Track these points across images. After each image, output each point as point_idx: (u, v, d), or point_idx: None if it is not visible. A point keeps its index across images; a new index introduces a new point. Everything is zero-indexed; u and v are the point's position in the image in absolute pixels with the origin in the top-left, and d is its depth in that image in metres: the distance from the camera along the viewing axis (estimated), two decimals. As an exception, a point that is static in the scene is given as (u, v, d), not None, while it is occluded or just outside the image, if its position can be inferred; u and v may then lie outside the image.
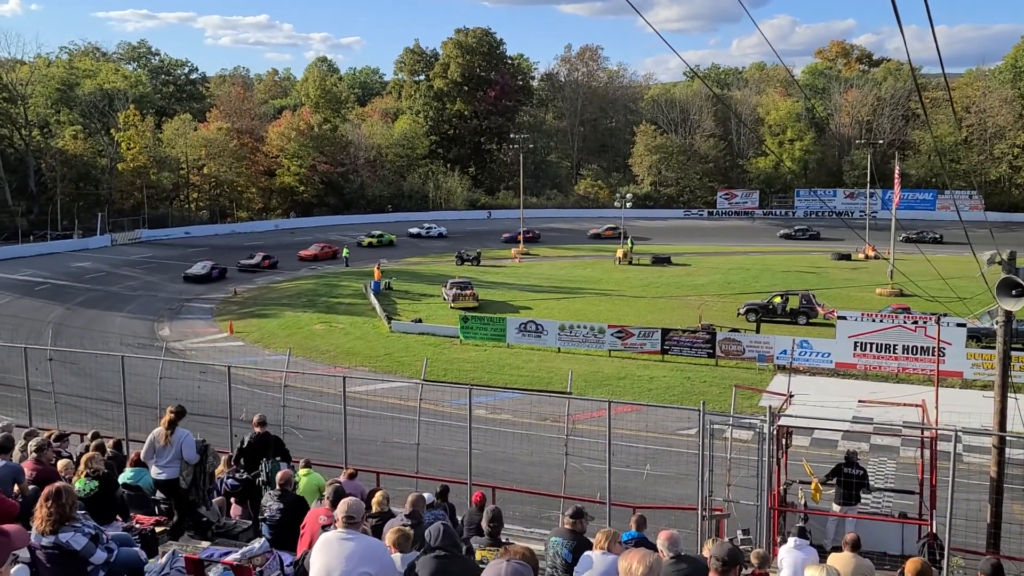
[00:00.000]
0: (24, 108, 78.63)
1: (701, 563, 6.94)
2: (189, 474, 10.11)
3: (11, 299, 48.79)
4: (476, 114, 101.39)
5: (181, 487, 10.08)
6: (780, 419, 12.59)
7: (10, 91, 77.56)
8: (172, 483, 10.02)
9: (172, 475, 9.99)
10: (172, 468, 9.99)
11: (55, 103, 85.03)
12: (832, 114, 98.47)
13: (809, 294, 45.04)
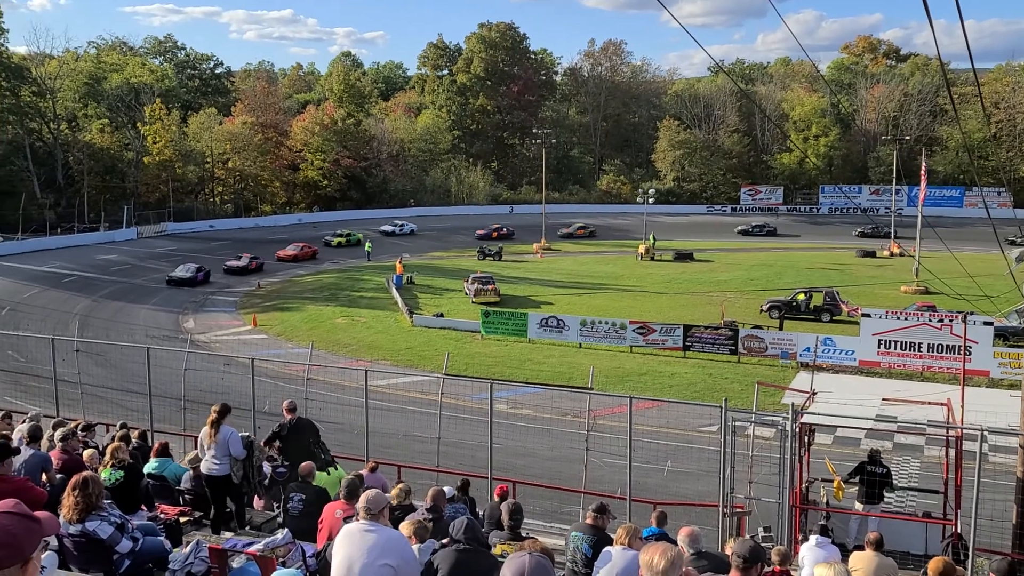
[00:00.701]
0: (53, 102, 79.54)
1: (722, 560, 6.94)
2: (239, 469, 10.59)
3: (39, 290, 49.39)
4: (499, 109, 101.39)
5: (233, 482, 10.57)
6: (803, 416, 12.51)
7: (39, 85, 78.43)
8: (224, 478, 10.48)
9: (223, 471, 10.45)
10: (223, 464, 10.46)
11: (83, 97, 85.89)
12: (858, 110, 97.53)
13: (833, 291, 44.69)
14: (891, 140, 79.37)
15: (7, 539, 2.62)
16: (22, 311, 43.30)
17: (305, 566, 7.19)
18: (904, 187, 78.90)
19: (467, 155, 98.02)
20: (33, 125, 79.02)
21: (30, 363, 27.50)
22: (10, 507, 2.71)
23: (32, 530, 2.72)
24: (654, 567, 4.18)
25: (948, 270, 38.46)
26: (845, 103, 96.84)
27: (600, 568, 6.99)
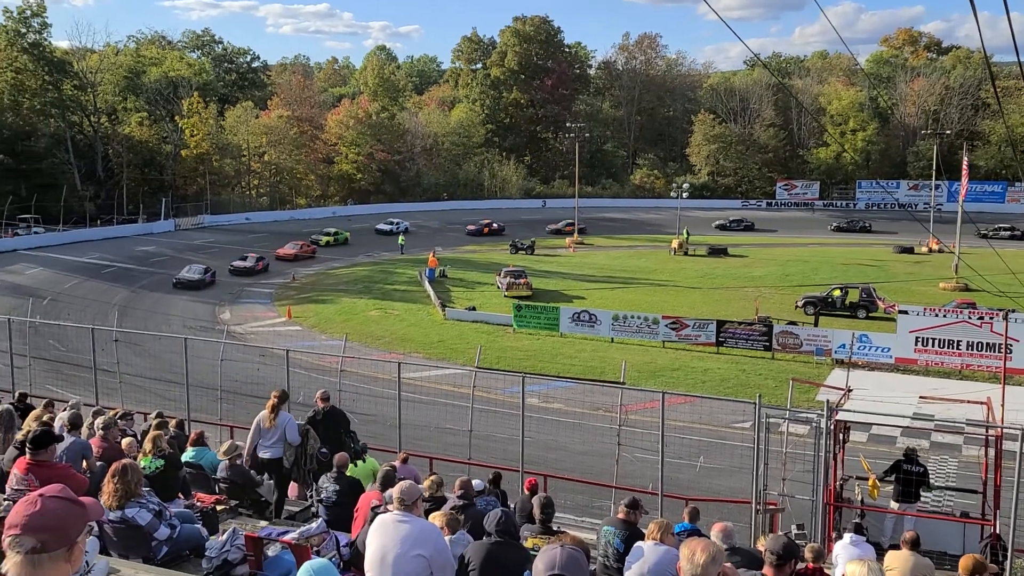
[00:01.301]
0: (93, 95, 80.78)
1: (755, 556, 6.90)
2: (292, 455, 10.87)
3: (79, 281, 50.25)
4: (532, 103, 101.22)
5: (284, 466, 10.87)
6: (838, 414, 12.39)
7: (81, 79, 79.69)
8: (276, 461, 10.81)
9: (276, 454, 10.83)
10: (276, 448, 10.84)
11: (122, 90, 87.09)
12: (897, 103, 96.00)
13: (869, 287, 44.15)
14: (931, 134, 78.10)
15: (55, 523, 2.68)
16: (63, 301, 44.08)
17: (339, 555, 7.26)
18: (944, 182, 77.67)
19: (500, 149, 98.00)
20: (74, 118, 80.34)
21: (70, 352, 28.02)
22: (57, 492, 2.78)
23: (78, 515, 2.78)
24: (695, 561, 4.16)
25: (989, 267, 37.82)
26: (884, 97, 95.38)
27: (632, 563, 6.99)
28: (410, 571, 5.79)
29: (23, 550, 2.63)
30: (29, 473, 6.80)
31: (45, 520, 2.67)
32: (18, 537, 2.63)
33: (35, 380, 20.78)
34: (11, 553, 2.65)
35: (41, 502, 2.70)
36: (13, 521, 2.66)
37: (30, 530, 2.64)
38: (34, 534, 2.64)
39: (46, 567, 2.67)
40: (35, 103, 76.65)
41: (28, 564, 2.64)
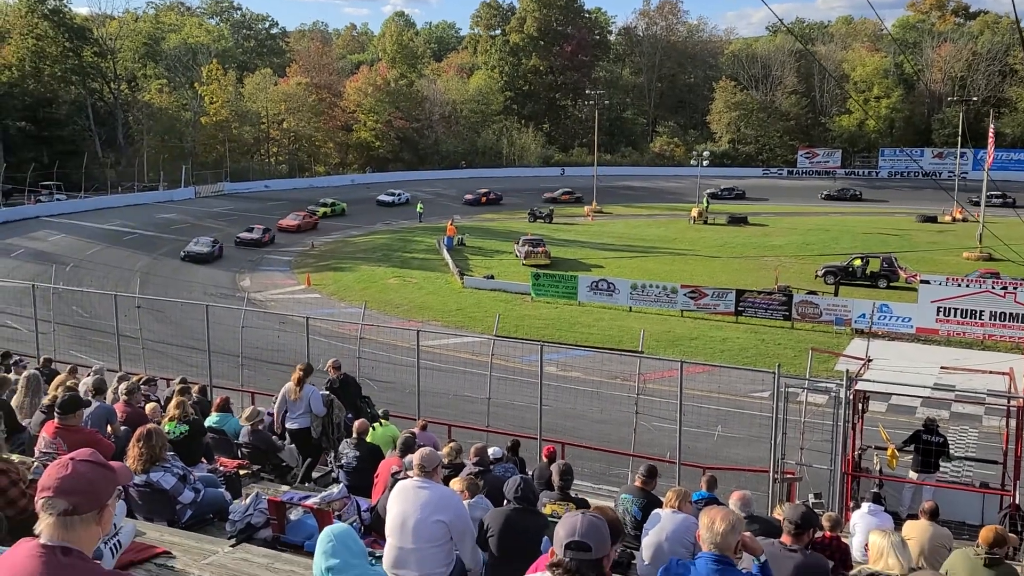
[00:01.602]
0: (113, 62, 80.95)
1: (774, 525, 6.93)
2: (319, 425, 11.14)
3: (101, 248, 50.65)
4: (552, 69, 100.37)
5: (312, 436, 11.15)
6: (857, 383, 12.36)
7: (101, 46, 79.81)
8: (304, 431, 11.11)
9: (304, 424, 11.12)
10: (304, 419, 11.12)
11: (142, 57, 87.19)
12: (923, 70, 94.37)
13: (891, 257, 43.77)
14: (957, 101, 76.88)
15: (86, 486, 2.74)
16: (85, 268, 44.48)
17: (360, 520, 7.36)
18: (969, 150, 76.57)
19: (519, 116, 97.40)
20: (95, 85, 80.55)
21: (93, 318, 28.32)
22: (87, 456, 2.84)
23: (108, 478, 2.84)
24: (714, 530, 4.20)
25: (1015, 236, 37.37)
26: (909, 63, 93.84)
27: (649, 530, 7.05)
28: (430, 536, 5.86)
29: (55, 512, 2.70)
30: (57, 437, 6.93)
31: (76, 483, 2.73)
32: (51, 499, 2.70)
33: (59, 346, 21.07)
34: (44, 515, 2.71)
35: (72, 466, 2.77)
36: (46, 484, 2.73)
37: (62, 493, 2.70)
38: (66, 497, 2.70)
39: (77, 529, 2.73)
40: (56, 70, 76.86)
41: (60, 526, 2.71)
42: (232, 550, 5.66)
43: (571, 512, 3.38)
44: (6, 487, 4.62)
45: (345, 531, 3.95)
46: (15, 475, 4.72)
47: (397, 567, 5.85)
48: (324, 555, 3.81)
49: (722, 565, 4.19)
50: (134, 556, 5.15)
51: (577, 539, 3.13)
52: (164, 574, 5.11)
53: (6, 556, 2.80)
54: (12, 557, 2.75)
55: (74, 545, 2.71)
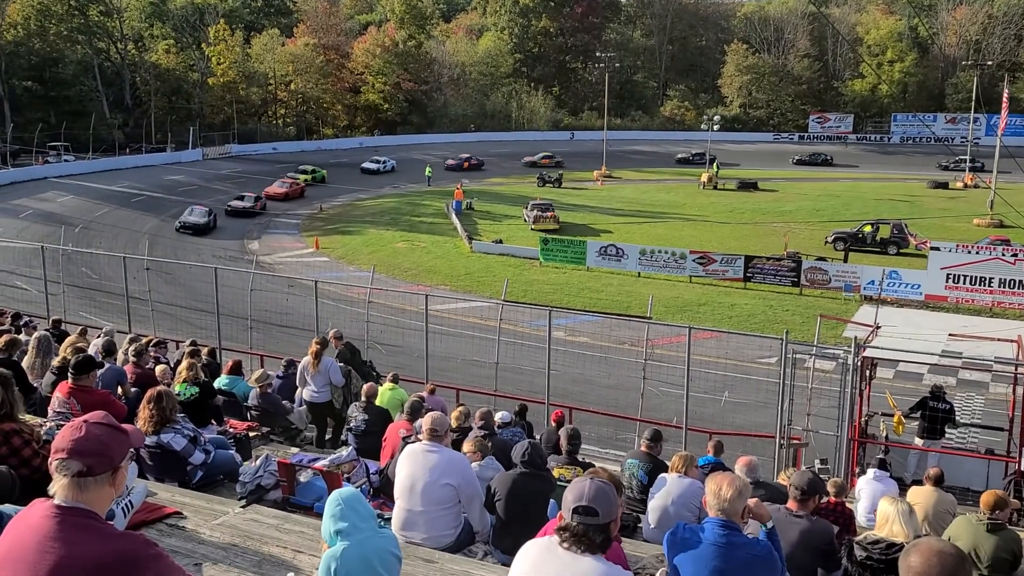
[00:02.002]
0: (120, 22, 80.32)
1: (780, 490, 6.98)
2: (340, 396, 11.64)
3: (109, 209, 50.67)
4: (562, 31, 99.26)
5: (335, 407, 11.61)
6: (865, 350, 12.35)
7: (107, 4, 79.12)
8: (327, 404, 11.53)
9: (325, 398, 11.52)
10: (324, 392, 11.49)
11: (148, 17, 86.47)
12: (937, 33, 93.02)
13: (901, 223, 43.56)
14: (972, 65, 75.87)
15: (99, 448, 2.77)
16: (94, 229, 44.56)
17: (369, 483, 7.43)
18: (983, 115, 75.77)
19: (528, 79, 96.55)
20: (101, 45, 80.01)
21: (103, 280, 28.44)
22: (100, 418, 2.86)
23: (121, 440, 2.87)
24: (720, 495, 4.22)
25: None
26: (924, 26, 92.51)
27: (655, 494, 7.11)
28: (439, 499, 5.93)
29: (70, 473, 2.73)
30: (71, 397, 6.98)
31: (90, 445, 2.76)
32: (65, 461, 2.73)
33: (69, 307, 21.14)
34: (58, 476, 2.75)
35: (86, 428, 2.79)
36: (60, 445, 2.76)
37: (76, 454, 2.73)
38: (80, 458, 2.73)
39: (91, 490, 2.76)
40: (61, 29, 76.25)
41: (74, 487, 2.74)
42: (242, 511, 5.72)
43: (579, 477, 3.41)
44: (20, 447, 4.67)
45: (353, 494, 3.99)
46: (28, 435, 4.77)
47: (406, 529, 5.92)
48: (332, 518, 3.85)
49: (729, 530, 4.22)
50: (146, 516, 5.22)
51: (585, 504, 3.16)
52: (175, 534, 5.17)
53: (21, 516, 2.84)
54: (27, 517, 2.79)
55: (88, 506, 2.74)
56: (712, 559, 4.15)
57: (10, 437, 4.67)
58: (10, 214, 45.70)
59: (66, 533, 2.67)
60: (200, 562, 4.75)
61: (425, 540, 5.83)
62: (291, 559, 4.93)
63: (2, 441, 4.63)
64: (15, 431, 4.71)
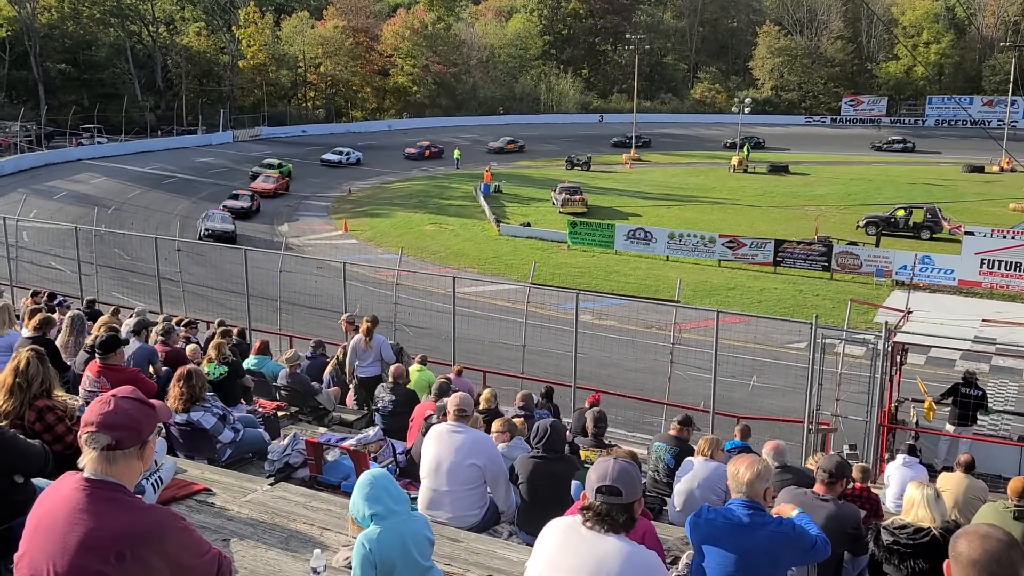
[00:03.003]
0: (152, 4, 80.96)
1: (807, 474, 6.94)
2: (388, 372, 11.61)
3: (141, 191, 51.20)
4: (591, 13, 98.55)
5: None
6: (896, 335, 12.21)
7: (138, -13, 79.86)
8: (376, 378, 11.85)
9: (375, 372, 12.00)
10: (375, 367, 12.05)
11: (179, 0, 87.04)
12: (975, 14, 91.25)
13: (934, 207, 42.91)
14: (1010, 47, 74.63)
15: (128, 421, 2.81)
16: (126, 211, 45.04)
17: (395, 463, 7.48)
18: (1021, 98, 74.32)
19: (557, 62, 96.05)
20: (133, 28, 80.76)
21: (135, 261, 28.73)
22: (129, 393, 2.91)
23: (149, 415, 2.91)
24: (739, 478, 4.22)
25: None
26: (961, 7, 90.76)
27: (681, 477, 7.09)
28: (464, 479, 5.95)
29: (98, 446, 2.77)
30: (101, 376, 7.08)
31: (118, 419, 2.80)
32: (94, 434, 2.77)
33: (102, 287, 21.40)
34: (87, 449, 2.79)
35: (115, 402, 2.83)
36: (89, 419, 2.80)
37: (105, 428, 2.77)
38: (108, 432, 2.77)
39: (119, 463, 2.81)
40: (94, 11, 77.07)
41: (103, 460, 2.78)
42: (271, 488, 5.79)
43: (603, 457, 3.40)
44: (53, 423, 4.75)
45: (384, 476, 4.00)
46: (62, 412, 4.84)
47: (431, 508, 5.96)
48: (365, 501, 3.87)
49: (752, 510, 4.21)
50: (175, 492, 5.29)
51: (608, 483, 3.16)
52: (204, 510, 5.24)
53: (52, 488, 2.89)
54: (58, 490, 2.84)
55: (116, 479, 2.79)
56: (736, 539, 4.15)
57: (44, 413, 4.74)
58: (45, 196, 46.29)
59: (95, 505, 2.71)
60: (228, 538, 4.81)
61: (451, 520, 5.86)
62: (318, 536, 4.98)
63: (36, 417, 4.71)
64: (49, 407, 4.79)
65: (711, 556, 4.25)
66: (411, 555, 3.86)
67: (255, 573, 4.45)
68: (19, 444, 4.00)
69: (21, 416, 4.65)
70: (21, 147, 59.60)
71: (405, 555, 3.84)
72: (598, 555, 3.13)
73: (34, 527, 2.79)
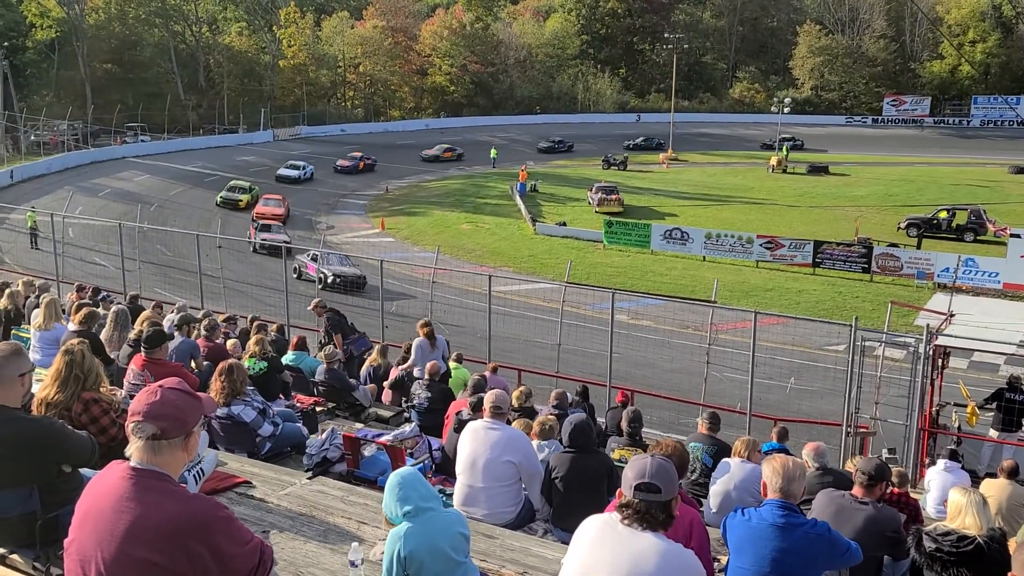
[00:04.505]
0: (195, 5, 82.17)
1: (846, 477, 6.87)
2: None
3: (184, 189, 51.96)
4: (630, 12, 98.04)
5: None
6: (938, 338, 12.02)
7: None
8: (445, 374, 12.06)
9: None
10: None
11: (222, 0, 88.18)
12: (1022, 12, 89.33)
13: (979, 209, 42.13)
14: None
15: (174, 412, 2.87)
16: (169, 208, 45.75)
17: (431, 459, 7.54)
18: (1070, 98, 72.70)
19: (595, 61, 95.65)
20: (177, 28, 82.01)
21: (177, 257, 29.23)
22: (175, 384, 2.97)
23: (194, 406, 2.97)
24: (774, 478, 4.20)
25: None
26: (1008, 5, 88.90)
27: (718, 478, 7.06)
28: (500, 476, 5.98)
29: (144, 436, 2.84)
30: (145, 370, 7.21)
31: (164, 409, 2.86)
32: (140, 424, 2.84)
33: (144, 283, 21.77)
34: (133, 438, 2.86)
35: (161, 393, 2.90)
36: (136, 409, 2.87)
37: (151, 418, 2.84)
38: (154, 421, 2.84)
39: (164, 453, 2.87)
40: (140, 12, 78.38)
41: (149, 449, 2.85)
42: (309, 482, 5.85)
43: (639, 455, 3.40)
44: (99, 415, 4.85)
45: (411, 474, 4.03)
46: (107, 404, 4.95)
47: (467, 505, 5.99)
48: (397, 502, 3.92)
49: (787, 511, 4.19)
50: (216, 484, 5.38)
51: (647, 480, 3.15)
52: (244, 502, 5.32)
53: (99, 477, 2.96)
54: (105, 478, 2.90)
55: (161, 468, 2.85)
56: (771, 540, 4.13)
57: (90, 405, 4.85)
58: (90, 193, 47.16)
59: (140, 494, 2.77)
60: (268, 530, 4.88)
61: (486, 516, 5.89)
62: (355, 530, 5.03)
63: (83, 409, 4.81)
64: (95, 400, 4.90)
65: (746, 557, 4.23)
66: (442, 551, 3.88)
67: (294, 564, 4.51)
68: (68, 434, 4.10)
69: (68, 407, 4.76)
70: (68, 145, 60.83)
71: (435, 551, 3.86)
72: (635, 553, 3.13)
73: (83, 515, 2.86)
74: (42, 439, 3.93)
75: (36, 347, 9.08)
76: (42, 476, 3.96)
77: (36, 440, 3.91)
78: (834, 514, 5.19)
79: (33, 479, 3.94)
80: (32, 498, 3.97)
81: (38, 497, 3.97)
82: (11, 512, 3.99)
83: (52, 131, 62.52)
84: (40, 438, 3.93)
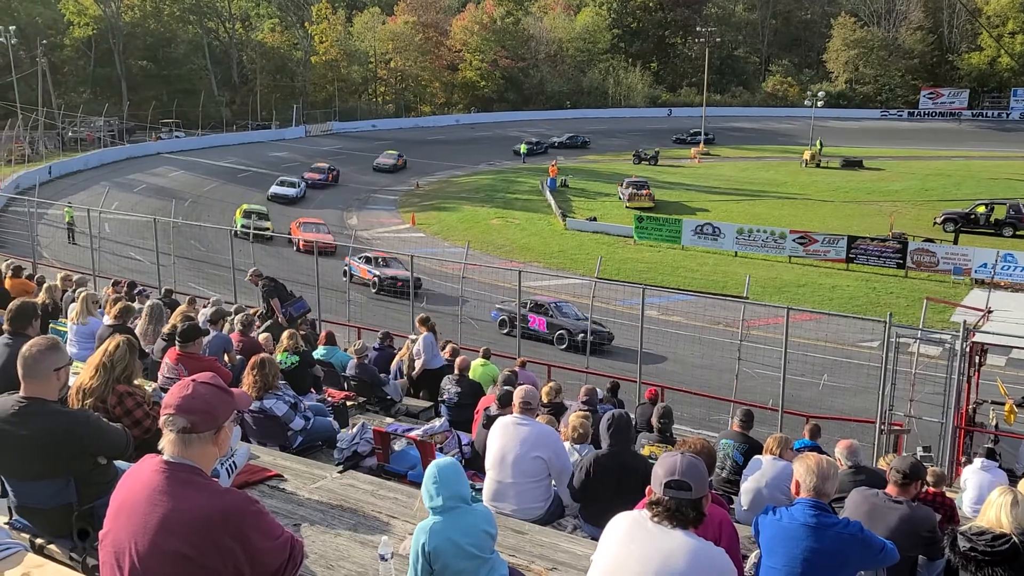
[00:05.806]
0: (229, 2, 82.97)
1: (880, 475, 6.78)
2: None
3: (217, 184, 52.48)
4: (661, 6, 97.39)
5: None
6: (975, 335, 11.84)
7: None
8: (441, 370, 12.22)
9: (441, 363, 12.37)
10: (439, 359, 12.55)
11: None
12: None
13: (1018, 203, 41.38)
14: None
15: (205, 406, 2.90)
16: (202, 203, 46.22)
17: (461, 453, 7.55)
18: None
19: (626, 55, 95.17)
20: (211, 24, 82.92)
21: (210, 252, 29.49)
22: (208, 379, 3.00)
23: (226, 401, 2.99)
24: (807, 477, 4.15)
25: None
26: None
27: (749, 476, 7.00)
28: (529, 471, 5.97)
29: (175, 429, 2.86)
30: (179, 364, 7.29)
31: (196, 403, 2.89)
32: (172, 416, 2.87)
33: (178, 278, 22.02)
34: (166, 431, 2.89)
35: (193, 387, 2.92)
36: (168, 402, 2.90)
37: (183, 411, 2.86)
38: (186, 415, 2.86)
39: (195, 446, 2.89)
40: (175, 9, 79.30)
41: (180, 442, 2.87)
42: (339, 476, 5.89)
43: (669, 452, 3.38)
44: (132, 408, 4.91)
45: (449, 466, 4.02)
46: (141, 398, 5.01)
47: (496, 500, 6.00)
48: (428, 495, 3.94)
49: (819, 510, 4.14)
50: (248, 477, 5.43)
51: (677, 478, 3.13)
52: (276, 495, 5.37)
53: (133, 470, 3.00)
54: (139, 471, 2.94)
55: (193, 462, 2.87)
56: (803, 539, 4.08)
57: (125, 399, 4.91)
58: (125, 188, 47.76)
59: (173, 487, 2.80)
60: (298, 523, 4.92)
61: (515, 512, 5.89)
62: (385, 524, 5.06)
63: (117, 402, 4.88)
64: (129, 392, 4.96)
65: (778, 556, 4.19)
66: (466, 549, 3.89)
67: (324, 557, 4.54)
68: (103, 426, 4.15)
69: (104, 399, 4.83)
70: (104, 141, 61.68)
71: (458, 547, 3.87)
72: (665, 550, 3.11)
73: (117, 507, 2.89)
74: (78, 431, 3.99)
75: (73, 340, 9.23)
76: (78, 468, 4.02)
77: (72, 432, 3.97)
78: (867, 513, 5.13)
79: (69, 471, 4.00)
80: (68, 489, 4.02)
81: (74, 489, 4.03)
82: (48, 503, 4.05)
83: (89, 128, 63.41)
84: (76, 430, 3.98)
